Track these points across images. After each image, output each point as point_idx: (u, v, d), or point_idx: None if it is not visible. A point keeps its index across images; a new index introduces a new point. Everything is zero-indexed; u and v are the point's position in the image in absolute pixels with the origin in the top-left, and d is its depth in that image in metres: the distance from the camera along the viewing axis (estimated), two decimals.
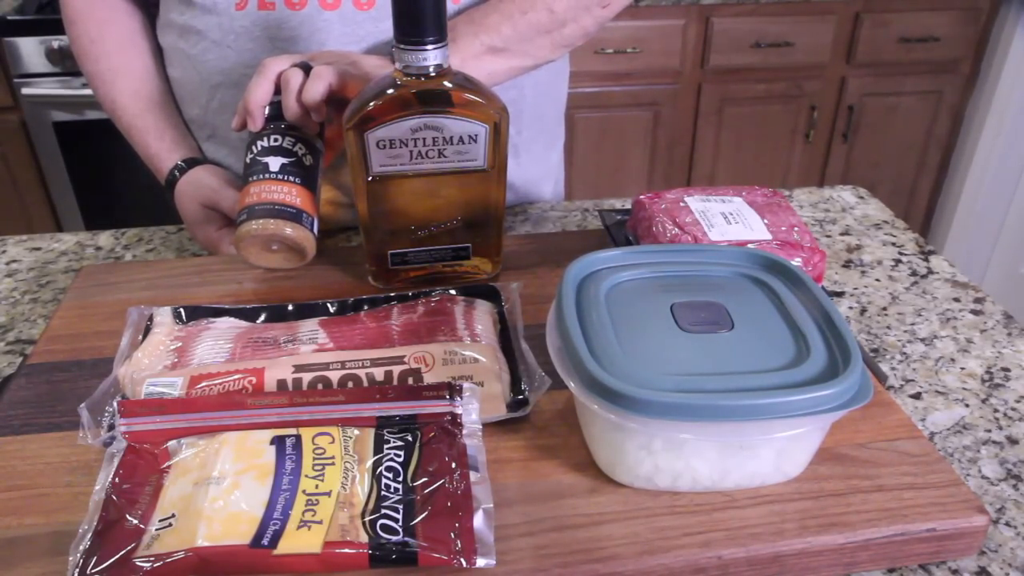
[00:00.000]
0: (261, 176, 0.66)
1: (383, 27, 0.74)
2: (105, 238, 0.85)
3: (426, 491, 0.46)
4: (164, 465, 0.48)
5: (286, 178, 0.66)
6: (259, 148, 0.67)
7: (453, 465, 0.47)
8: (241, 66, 0.76)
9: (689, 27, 1.99)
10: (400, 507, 0.44)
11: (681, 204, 0.67)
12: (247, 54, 0.75)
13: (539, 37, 0.74)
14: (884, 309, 0.72)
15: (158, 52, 0.83)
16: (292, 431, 0.48)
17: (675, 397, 0.43)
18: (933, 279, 0.77)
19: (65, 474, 0.50)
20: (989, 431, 0.59)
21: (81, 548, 0.42)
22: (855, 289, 0.75)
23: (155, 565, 0.41)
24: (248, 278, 0.69)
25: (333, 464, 0.46)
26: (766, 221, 0.65)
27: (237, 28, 0.74)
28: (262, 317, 0.62)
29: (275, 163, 0.66)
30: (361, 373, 0.54)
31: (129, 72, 0.83)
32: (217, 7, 0.74)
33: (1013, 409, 0.61)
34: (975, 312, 0.72)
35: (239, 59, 0.75)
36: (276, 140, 0.66)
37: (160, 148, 0.81)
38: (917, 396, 0.62)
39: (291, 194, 0.66)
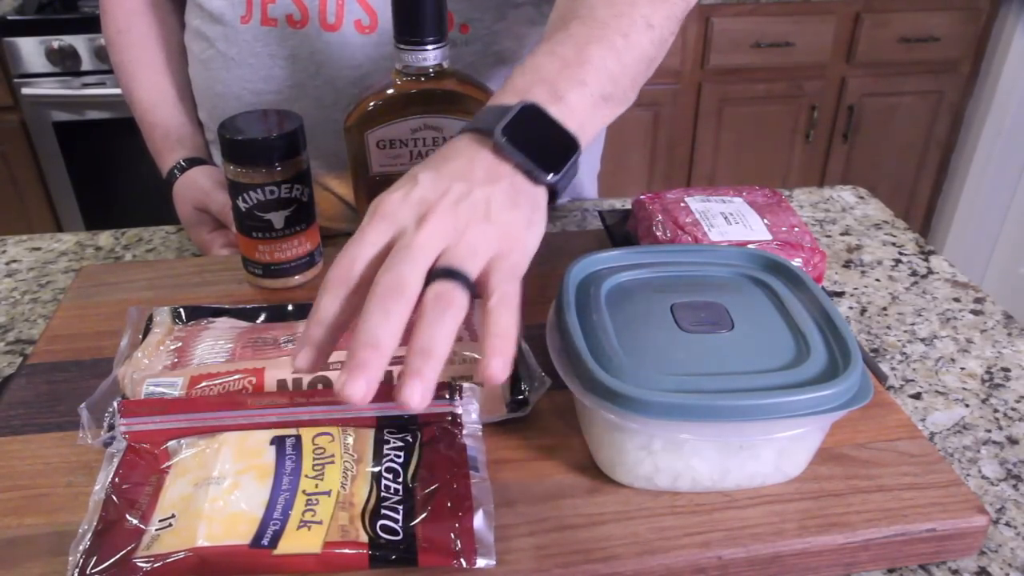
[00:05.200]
0: (266, 235, 0.64)
1: (383, 52, 0.72)
2: (105, 238, 0.85)
3: (426, 491, 0.46)
4: (164, 465, 0.48)
5: (292, 231, 0.65)
6: (254, 201, 0.63)
7: (453, 465, 0.47)
8: (242, 79, 0.76)
9: (689, 27, 1.99)
10: (400, 507, 0.44)
11: (681, 204, 0.67)
12: (248, 68, 0.75)
13: (643, 70, 0.54)
14: (884, 309, 0.72)
15: (183, 49, 0.84)
16: (292, 431, 0.48)
17: (675, 397, 0.43)
18: (933, 279, 0.77)
19: (65, 474, 0.50)
20: (989, 431, 0.59)
21: (81, 548, 0.42)
22: (855, 289, 0.75)
23: (155, 565, 0.41)
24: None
25: (333, 464, 0.46)
26: (766, 221, 0.65)
27: (240, 41, 0.74)
28: (262, 317, 0.62)
29: (278, 219, 0.64)
30: None
31: (147, 65, 0.83)
32: (224, 17, 0.74)
33: (1013, 409, 0.61)
34: (975, 312, 0.72)
35: (241, 72, 0.75)
36: (272, 192, 0.63)
37: (164, 146, 0.81)
38: (917, 396, 0.62)
39: (301, 244, 0.66)
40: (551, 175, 0.46)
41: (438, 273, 0.41)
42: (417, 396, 0.38)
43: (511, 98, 0.48)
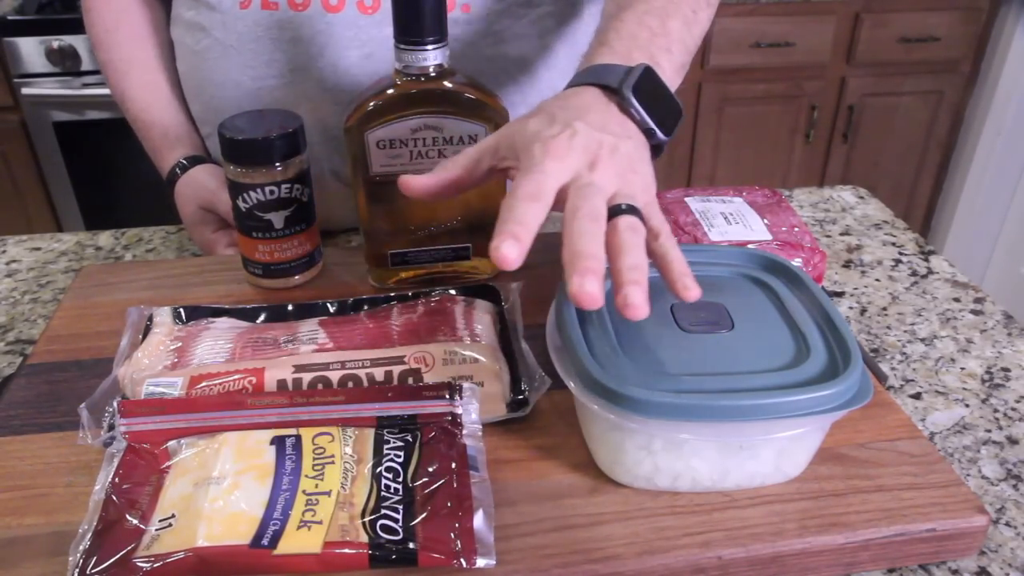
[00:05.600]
0: (266, 235, 0.64)
1: (387, 32, 0.71)
2: (105, 238, 0.85)
3: (426, 491, 0.46)
4: (164, 465, 0.48)
5: (292, 231, 0.65)
6: (254, 201, 0.63)
7: (453, 465, 0.47)
8: (242, 66, 0.75)
9: None
10: (400, 507, 0.44)
11: (681, 204, 0.67)
12: (249, 54, 0.75)
13: (698, 43, 0.62)
14: (884, 309, 0.72)
15: (171, 45, 0.83)
16: (292, 431, 0.48)
17: (675, 397, 0.43)
18: (933, 279, 0.77)
19: (65, 474, 0.50)
20: (989, 431, 0.59)
21: (81, 548, 0.42)
22: (855, 289, 0.75)
23: (155, 565, 0.41)
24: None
25: (333, 464, 0.46)
26: (766, 221, 0.65)
27: (240, 27, 0.74)
28: (262, 317, 0.62)
29: (278, 219, 0.64)
30: (361, 373, 0.54)
31: (140, 64, 0.83)
32: (221, 5, 0.74)
33: (1013, 409, 0.61)
34: (975, 312, 0.72)
35: (241, 59, 0.75)
36: (272, 192, 0.63)
37: (163, 145, 0.81)
38: (917, 396, 0.62)
39: (301, 244, 0.66)
40: (664, 136, 0.52)
41: (621, 209, 0.47)
42: (642, 297, 0.42)
43: (616, 59, 0.53)
